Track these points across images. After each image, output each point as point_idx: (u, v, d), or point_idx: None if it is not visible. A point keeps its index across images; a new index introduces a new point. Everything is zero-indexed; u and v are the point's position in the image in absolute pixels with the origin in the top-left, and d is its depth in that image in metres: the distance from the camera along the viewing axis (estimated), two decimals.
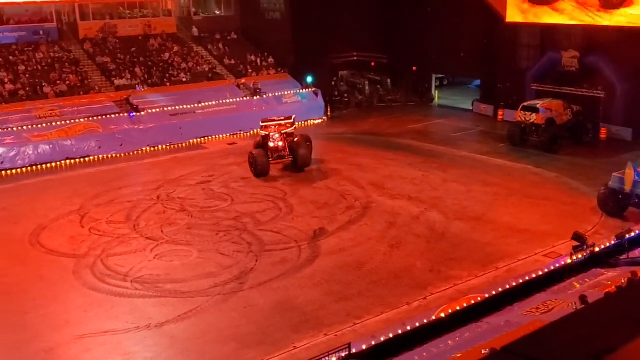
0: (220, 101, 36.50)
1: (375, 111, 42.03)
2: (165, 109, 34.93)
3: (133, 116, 33.85)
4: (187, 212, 23.73)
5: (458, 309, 12.08)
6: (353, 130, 36.71)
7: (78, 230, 22.27)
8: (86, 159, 31.74)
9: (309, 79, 40.22)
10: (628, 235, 14.43)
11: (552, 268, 13.78)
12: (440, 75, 46.88)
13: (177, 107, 35.08)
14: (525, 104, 32.04)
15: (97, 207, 24.45)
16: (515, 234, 20.89)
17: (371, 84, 45.13)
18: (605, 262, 13.88)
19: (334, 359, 10.32)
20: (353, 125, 37.95)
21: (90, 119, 32.84)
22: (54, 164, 30.95)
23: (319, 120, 39.19)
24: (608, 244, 14.68)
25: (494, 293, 12.80)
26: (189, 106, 35.35)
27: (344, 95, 44.08)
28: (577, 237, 14.83)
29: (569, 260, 13.94)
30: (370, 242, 20.62)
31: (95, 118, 32.99)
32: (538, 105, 31.26)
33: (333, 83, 44.40)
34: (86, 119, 32.69)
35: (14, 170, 29.99)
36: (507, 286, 13.07)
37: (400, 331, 11.43)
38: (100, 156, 32.11)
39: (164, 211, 23.94)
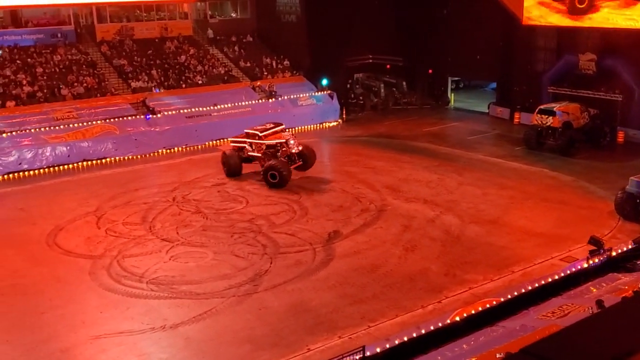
0: (236, 104, 36.63)
1: (391, 114, 41.97)
2: (181, 111, 35.11)
3: (149, 118, 34.04)
4: (203, 214, 23.84)
5: (473, 312, 12.05)
6: (368, 133, 36.68)
7: (94, 231, 22.44)
8: (103, 160, 31.95)
9: (325, 82, 40.25)
10: None
11: (569, 272, 13.71)
12: (456, 78, 46.81)
13: (193, 110, 35.26)
14: (542, 107, 31.86)
15: (114, 209, 24.62)
16: (531, 237, 20.77)
17: (387, 87, 45.03)
18: (622, 267, 13.79)
19: None
20: (368, 128, 37.93)
21: (107, 120, 33.07)
22: (71, 166, 31.20)
23: (334, 123, 39.20)
24: (625, 248, 14.59)
25: (509, 297, 12.76)
26: (204, 108, 35.54)
27: (360, 97, 44.07)
28: (594, 241, 14.75)
29: (585, 265, 13.87)
30: (385, 245, 20.59)
31: (111, 120, 33.22)
32: (555, 109, 31.08)
33: (348, 86, 44.36)
34: (103, 121, 32.93)
35: (32, 172, 30.27)
36: (523, 290, 13.03)
37: (414, 334, 11.42)
38: (117, 158, 32.33)
39: (179, 213, 24.06)
